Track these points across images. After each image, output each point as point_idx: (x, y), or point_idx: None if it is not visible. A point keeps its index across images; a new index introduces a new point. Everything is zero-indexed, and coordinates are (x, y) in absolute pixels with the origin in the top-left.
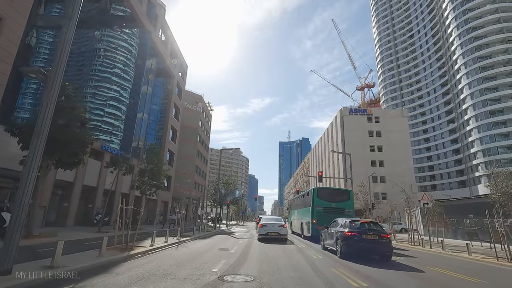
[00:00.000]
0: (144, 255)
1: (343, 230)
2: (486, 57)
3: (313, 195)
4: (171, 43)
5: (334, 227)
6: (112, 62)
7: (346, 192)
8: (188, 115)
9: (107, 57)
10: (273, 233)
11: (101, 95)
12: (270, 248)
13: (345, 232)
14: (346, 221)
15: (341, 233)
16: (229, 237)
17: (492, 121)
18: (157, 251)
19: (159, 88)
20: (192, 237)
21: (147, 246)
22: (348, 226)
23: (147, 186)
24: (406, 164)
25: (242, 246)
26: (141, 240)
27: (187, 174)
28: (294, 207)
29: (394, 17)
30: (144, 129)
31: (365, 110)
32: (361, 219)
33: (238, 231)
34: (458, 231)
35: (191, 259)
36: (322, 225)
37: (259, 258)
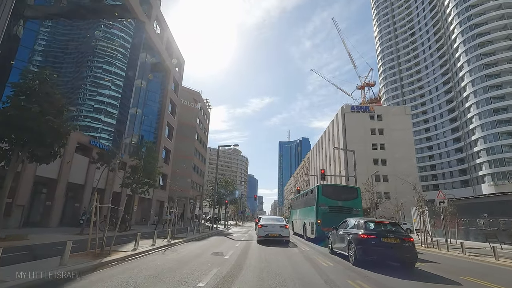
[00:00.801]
0: (121, 263)
1: (356, 232)
2: (490, 54)
3: (317, 193)
4: (166, 36)
5: (344, 228)
6: (102, 54)
7: (354, 190)
8: (185, 112)
9: (97, 47)
10: (274, 235)
11: (91, 88)
12: (271, 252)
13: (359, 234)
14: (359, 221)
15: (355, 236)
16: (226, 238)
17: (496, 119)
18: (138, 257)
19: (154, 83)
20: (185, 239)
21: (128, 251)
22: (362, 227)
23: (139, 184)
24: (409, 163)
25: (239, 250)
26: (125, 243)
27: (181, 172)
28: (296, 206)
29: (395, 14)
30: (138, 125)
31: (367, 108)
32: (377, 219)
33: (236, 232)
34: (470, 231)
35: (175, 268)
36: (327, 226)
37: (258, 265)
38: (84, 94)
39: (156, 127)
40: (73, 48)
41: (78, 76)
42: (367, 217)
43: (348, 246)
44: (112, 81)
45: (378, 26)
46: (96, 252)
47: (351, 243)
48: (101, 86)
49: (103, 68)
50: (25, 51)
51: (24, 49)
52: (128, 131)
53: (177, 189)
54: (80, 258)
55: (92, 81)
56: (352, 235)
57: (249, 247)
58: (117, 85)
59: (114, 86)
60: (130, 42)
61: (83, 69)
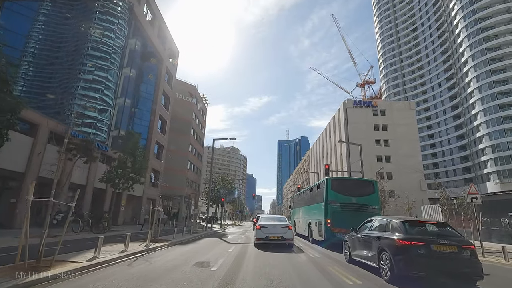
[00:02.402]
0: (56, 282)
1: (390, 236)
2: (495, 48)
3: (326, 188)
4: (158, 23)
5: (369, 230)
6: (85, 36)
7: (370, 184)
8: (180, 106)
9: (79, 29)
10: (275, 237)
11: (71, 73)
12: (272, 260)
13: (397, 240)
14: (393, 221)
15: (390, 242)
16: (220, 241)
17: (502, 115)
18: (91, 271)
19: (146, 73)
20: (170, 242)
21: (83, 262)
22: (400, 229)
23: (121, 180)
24: (415, 160)
25: (231, 257)
26: (89, 248)
27: (176, 169)
28: (299, 204)
29: (396, 10)
30: (127, 117)
31: (370, 102)
32: (419, 219)
33: (232, 232)
34: (492, 232)
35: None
36: (339, 227)
37: (255, 284)
38: (64, 80)
39: (148, 120)
40: (51, 30)
41: (57, 61)
42: (403, 216)
43: (378, 256)
44: (97, 67)
45: (379, 22)
46: (26, 265)
47: (384, 251)
48: (84, 72)
49: (87, 53)
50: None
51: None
52: (115, 124)
53: (170, 187)
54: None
55: (71, 65)
56: (385, 241)
57: (244, 253)
58: (101, 70)
59: (99, 72)
60: (115, 24)
61: (63, 52)
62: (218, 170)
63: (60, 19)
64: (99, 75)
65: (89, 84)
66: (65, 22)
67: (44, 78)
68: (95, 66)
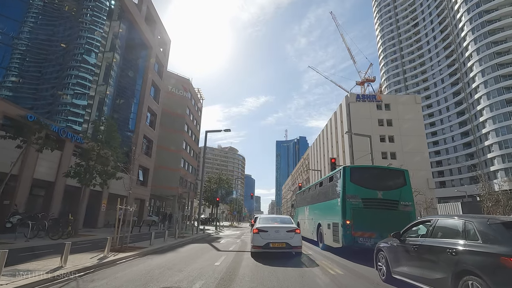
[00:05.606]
0: None
1: (484, 250)
2: (501, 41)
3: (343, 179)
4: (147, 5)
5: (426, 236)
6: (55, 11)
7: (400, 173)
8: (172, 100)
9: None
10: (278, 245)
11: (38, 52)
12: (276, 281)
13: (504, 258)
14: (483, 224)
15: (485, 260)
16: (208, 247)
17: (509, 110)
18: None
19: (132, 60)
20: (142, 251)
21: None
22: (502, 238)
23: (87, 174)
24: (421, 156)
25: (217, 276)
26: (12, 264)
27: (168, 167)
28: (305, 202)
29: (397, 5)
30: (109, 106)
31: (374, 97)
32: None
33: (226, 236)
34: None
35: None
36: (361, 230)
37: None
38: (27, 57)
39: (135, 113)
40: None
41: (20, 37)
42: (495, 216)
43: (455, 281)
44: (68, 42)
45: (379, 18)
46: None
47: (471, 274)
48: (54, 52)
49: (56, 30)
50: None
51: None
52: (94, 113)
53: (162, 186)
54: None
55: (38, 43)
56: (472, 257)
57: (237, 268)
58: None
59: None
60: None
61: (25, 25)
62: (216, 170)
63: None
64: (71, 54)
65: (59, 66)
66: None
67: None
68: (66, 42)
